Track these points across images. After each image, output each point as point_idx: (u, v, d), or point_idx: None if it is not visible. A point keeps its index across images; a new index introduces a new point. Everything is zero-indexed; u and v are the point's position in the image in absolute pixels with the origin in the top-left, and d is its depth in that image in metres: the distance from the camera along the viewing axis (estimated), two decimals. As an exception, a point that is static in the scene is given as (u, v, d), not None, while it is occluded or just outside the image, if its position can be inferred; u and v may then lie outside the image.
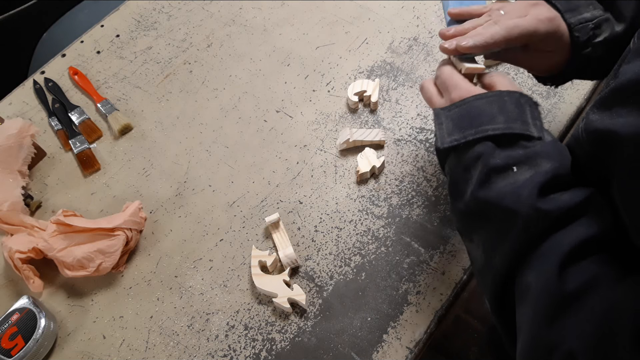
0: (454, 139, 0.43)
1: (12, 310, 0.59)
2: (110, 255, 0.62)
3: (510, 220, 0.38)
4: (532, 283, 0.37)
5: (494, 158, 0.40)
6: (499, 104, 0.43)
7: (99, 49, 0.89)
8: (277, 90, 0.80)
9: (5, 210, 0.66)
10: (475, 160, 0.41)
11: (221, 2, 0.93)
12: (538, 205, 0.37)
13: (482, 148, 0.41)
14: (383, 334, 0.58)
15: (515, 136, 0.41)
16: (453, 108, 0.45)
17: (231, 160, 0.74)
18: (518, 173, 0.39)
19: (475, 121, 0.42)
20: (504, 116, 0.42)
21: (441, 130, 0.45)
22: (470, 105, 0.44)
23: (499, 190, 0.39)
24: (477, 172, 0.41)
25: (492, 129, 0.41)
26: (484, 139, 0.42)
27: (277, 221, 0.65)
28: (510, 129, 0.41)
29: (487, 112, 0.42)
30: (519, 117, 0.42)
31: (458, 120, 0.44)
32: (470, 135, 0.42)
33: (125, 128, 0.78)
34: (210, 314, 0.61)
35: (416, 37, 0.83)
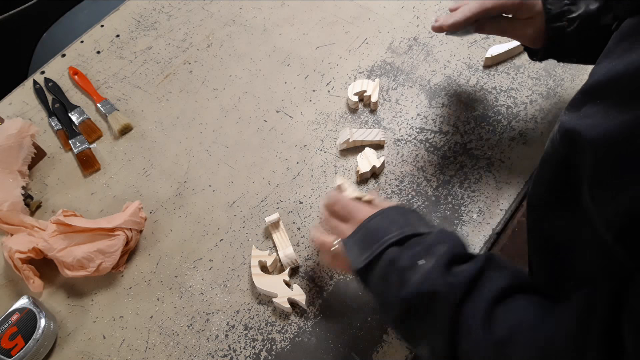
0: (366, 256, 0.48)
1: (12, 310, 0.59)
2: (110, 255, 0.62)
3: (433, 302, 0.42)
4: (468, 349, 0.40)
5: (401, 260, 0.45)
6: (389, 218, 0.50)
7: (99, 49, 0.89)
8: (277, 90, 0.80)
9: (5, 210, 0.66)
10: (389, 267, 0.46)
11: (221, 2, 0.93)
12: (448, 279, 0.42)
13: (391, 254, 0.47)
14: (383, 334, 0.58)
15: (410, 237, 0.47)
16: (356, 233, 0.51)
17: (231, 160, 0.74)
18: (425, 264, 0.44)
19: (376, 236, 0.49)
20: (395, 225, 0.48)
21: (353, 255, 0.50)
22: (368, 226, 0.50)
23: (416, 282, 0.44)
24: (394, 278, 0.46)
25: (390, 237, 0.48)
26: (389, 247, 0.47)
27: (277, 221, 0.65)
28: (403, 233, 0.47)
29: (382, 227, 0.49)
30: (407, 223, 0.49)
31: (362, 242, 0.50)
32: (377, 248, 0.48)
33: (125, 128, 0.78)
34: (210, 314, 0.61)
35: (416, 37, 0.83)
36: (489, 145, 0.70)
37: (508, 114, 0.73)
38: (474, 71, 0.78)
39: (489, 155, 0.69)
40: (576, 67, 0.76)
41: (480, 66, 0.78)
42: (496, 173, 0.67)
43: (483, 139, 0.71)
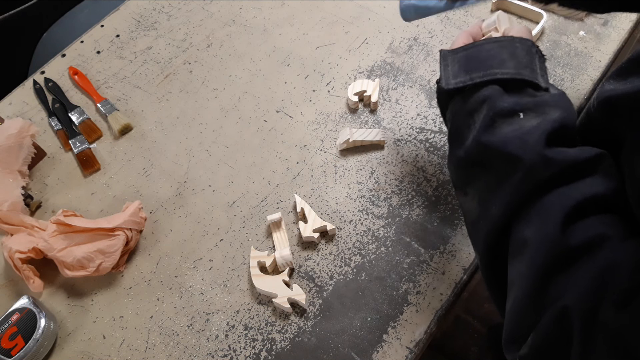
0: (460, 80, 0.41)
1: (12, 310, 0.59)
2: (110, 255, 0.62)
3: (513, 167, 0.36)
4: (531, 237, 0.35)
5: (501, 101, 0.39)
6: (510, 49, 0.41)
7: (99, 49, 0.89)
8: (277, 90, 0.80)
9: (5, 210, 0.66)
10: (481, 104, 0.40)
11: (221, 2, 0.93)
12: (545, 152, 0.35)
13: (489, 91, 0.40)
14: (383, 334, 0.58)
15: (524, 83, 0.40)
16: (460, 51, 0.43)
17: (231, 160, 0.74)
18: (525, 119, 0.37)
19: (484, 64, 0.41)
20: (514, 62, 0.40)
21: (446, 72, 0.43)
22: (480, 48, 0.42)
23: (504, 135, 0.37)
24: (482, 116, 0.39)
25: (501, 72, 0.40)
26: (492, 82, 0.40)
27: (278, 220, 0.65)
28: (520, 74, 0.40)
29: (497, 56, 0.41)
30: (529, 65, 0.40)
31: (465, 63, 0.42)
32: (478, 78, 0.40)
33: (125, 128, 0.78)
34: (210, 314, 0.61)
35: (416, 37, 0.83)
36: (489, 145, 0.70)
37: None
38: (474, 71, 0.78)
39: (489, 155, 0.69)
40: (576, 67, 0.76)
41: (480, 66, 0.78)
42: (496, 173, 0.67)
43: (483, 139, 0.71)
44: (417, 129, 0.73)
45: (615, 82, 0.37)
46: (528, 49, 0.42)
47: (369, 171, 0.70)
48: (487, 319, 1.30)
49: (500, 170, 0.37)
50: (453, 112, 0.43)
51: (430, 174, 0.69)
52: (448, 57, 0.44)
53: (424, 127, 0.73)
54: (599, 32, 0.79)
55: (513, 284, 0.37)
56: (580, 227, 0.34)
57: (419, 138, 0.72)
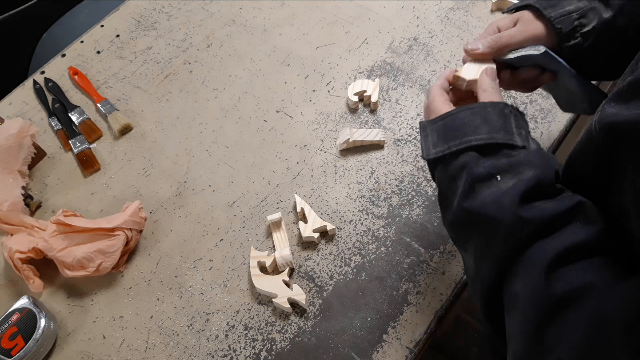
0: (439, 150, 0.44)
1: (12, 310, 0.59)
2: (110, 255, 0.62)
3: (493, 229, 0.38)
4: (519, 291, 0.37)
5: (477, 167, 0.41)
6: (482, 115, 0.43)
7: (99, 49, 0.89)
8: (277, 90, 0.80)
9: (5, 210, 0.66)
10: (460, 170, 0.42)
11: (221, 2, 0.93)
12: (519, 213, 0.37)
13: (466, 158, 0.42)
14: (383, 334, 0.58)
15: (499, 146, 0.42)
16: (438, 120, 0.46)
17: (231, 160, 0.74)
18: (502, 182, 0.39)
19: (459, 132, 0.43)
20: (487, 127, 0.42)
21: (427, 142, 0.46)
22: (454, 117, 0.44)
23: (483, 200, 0.39)
24: (462, 182, 0.41)
25: (475, 139, 0.42)
26: (468, 149, 0.42)
27: (279, 220, 0.65)
28: (493, 138, 0.42)
29: (471, 124, 0.43)
30: (503, 127, 0.42)
31: (443, 132, 0.45)
32: (454, 146, 0.43)
33: (125, 128, 0.78)
34: (210, 314, 0.61)
35: (416, 37, 0.83)
36: (489, 145, 0.70)
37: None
38: (474, 71, 0.78)
39: (489, 155, 0.69)
40: (576, 67, 0.76)
41: (480, 66, 0.78)
42: (496, 173, 0.67)
43: (483, 139, 0.71)
44: (417, 129, 0.73)
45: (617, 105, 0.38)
46: (500, 112, 0.44)
47: (369, 171, 0.70)
48: (487, 319, 1.29)
49: (484, 232, 0.40)
50: (438, 178, 0.46)
51: (430, 174, 0.69)
52: (427, 127, 0.47)
53: (424, 127, 0.73)
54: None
55: (511, 338, 0.38)
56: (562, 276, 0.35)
57: (419, 138, 0.72)
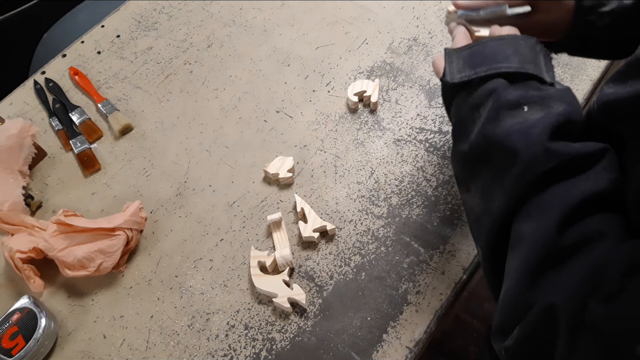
0: (465, 74, 0.42)
1: (12, 310, 0.60)
2: (111, 255, 0.62)
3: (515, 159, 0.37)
4: (529, 231, 0.36)
5: (506, 94, 0.39)
6: (514, 46, 0.42)
7: (100, 49, 0.89)
8: (277, 90, 0.80)
9: (6, 210, 0.66)
10: (487, 97, 0.40)
11: (221, 2, 0.93)
12: (548, 145, 0.35)
13: (495, 84, 0.40)
14: (383, 333, 0.58)
15: (529, 77, 0.40)
16: (465, 49, 0.44)
17: (231, 160, 0.74)
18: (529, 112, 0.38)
19: (489, 59, 0.42)
20: (518, 57, 0.41)
21: (451, 68, 0.44)
22: (485, 45, 0.43)
23: (508, 128, 0.38)
24: (487, 109, 0.40)
25: (505, 66, 0.41)
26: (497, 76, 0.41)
27: (279, 220, 0.65)
28: (524, 69, 0.40)
29: (502, 52, 0.42)
30: (533, 61, 0.41)
31: (470, 59, 0.43)
32: (483, 72, 0.41)
33: (126, 128, 0.78)
34: (210, 313, 0.61)
35: (416, 37, 0.83)
36: (489, 146, 0.70)
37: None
38: (473, 71, 0.78)
39: (489, 156, 0.69)
40: (576, 67, 0.76)
41: (480, 66, 0.78)
42: (496, 173, 0.67)
43: (483, 139, 0.71)
44: (417, 129, 0.73)
45: (615, 85, 0.38)
46: (532, 46, 0.42)
47: (369, 171, 0.70)
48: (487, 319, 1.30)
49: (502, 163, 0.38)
50: (458, 106, 0.44)
51: (430, 174, 0.69)
52: (453, 54, 0.44)
53: (424, 127, 0.73)
54: (599, 33, 0.79)
55: (507, 276, 0.37)
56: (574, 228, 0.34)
57: (419, 138, 0.72)
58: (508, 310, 0.36)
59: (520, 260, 0.36)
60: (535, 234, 0.35)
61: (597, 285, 0.31)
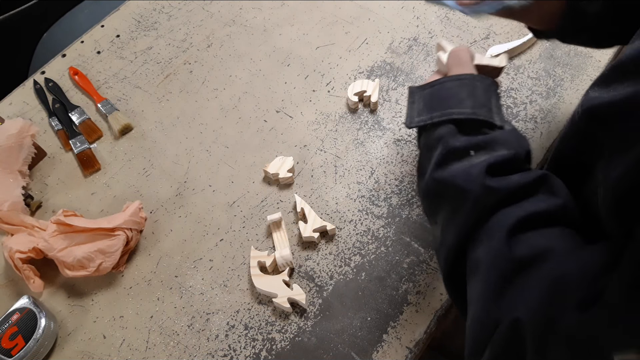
0: (422, 119, 0.44)
1: (12, 310, 0.60)
2: (111, 255, 0.62)
3: (461, 198, 0.39)
4: (482, 257, 0.37)
5: (453, 141, 0.41)
6: (470, 88, 0.44)
7: (99, 49, 0.89)
8: (277, 90, 0.80)
9: (6, 210, 0.66)
10: (437, 142, 0.43)
11: (221, 2, 0.93)
12: (486, 182, 0.38)
13: (444, 130, 0.42)
14: (383, 333, 0.58)
15: (479, 122, 0.42)
16: (427, 88, 0.46)
17: (231, 160, 0.74)
18: (475, 157, 0.40)
19: (444, 103, 0.43)
20: (471, 101, 0.43)
21: (412, 110, 0.46)
22: (442, 87, 0.45)
23: (452, 171, 0.40)
24: (436, 154, 0.42)
25: (457, 112, 0.43)
26: (448, 122, 0.43)
27: (279, 220, 0.65)
28: (476, 114, 0.42)
29: (456, 95, 0.43)
30: (486, 104, 0.43)
31: (429, 101, 0.45)
32: (436, 117, 0.43)
33: (126, 128, 0.78)
34: (210, 313, 0.61)
35: (416, 37, 0.83)
36: (489, 145, 0.70)
37: (508, 114, 0.73)
38: (473, 71, 0.78)
39: (489, 155, 0.69)
40: (576, 67, 0.76)
41: (480, 66, 0.78)
42: (496, 173, 0.67)
43: (483, 139, 0.71)
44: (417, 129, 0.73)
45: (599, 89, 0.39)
46: (487, 88, 0.44)
47: (369, 171, 0.70)
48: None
49: (452, 201, 0.41)
50: (419, 146, 0.47)
51: (430, 174, 0.69)
52: (415, 94, 0.47)
53: (424, 127, 0.73)
54: (599, 32, 0.79)
55: (471, 302, 0.39)
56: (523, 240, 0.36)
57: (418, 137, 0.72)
58: (477, 334, 0.37)
59: (480, 283, 0.37)
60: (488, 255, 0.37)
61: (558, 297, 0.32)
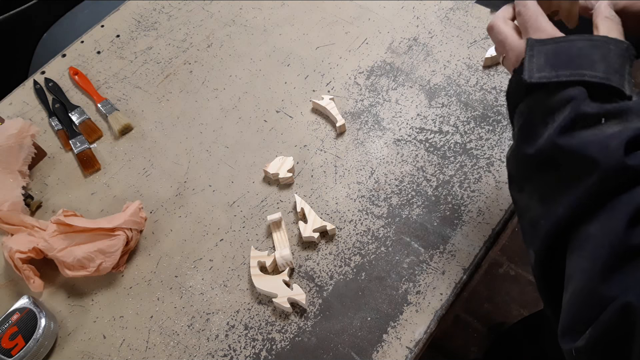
0: (544, 75, 0.40)
1: (12, 310, 0.60)
2: (111, 255, 0.62)
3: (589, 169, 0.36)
4: (595, 233, 0.36)
5: (585, 105, 0.38)
6: (604, 51, 0.40)
7: (99, 49, 0.89)
8: (277, 90, 0.80)
9: (6, 210, 0.66)
10: (564, 104, 0.39)
11: (221, 2, 0.93)
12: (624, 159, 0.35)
13: (575, 92, 0.39)
14: (383, 333, 0.58)
15: (610, 89, 0.39)
16: (549, 43, 0.41)
17: (231, 160, 0.74)
18: (606, 126, 0.37)
19: (573, 62, 0.40)
20: (604, 64, 0.39)
21: (530, 64, 0.41)
22: (571, 44, 0.40)
23: (584, 139, 0.37)
24: (563, 117, 0.38)
25: (589, 75, 0.39)
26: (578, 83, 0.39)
27: (279, 220, 0.65)
28: (609, 80, 0.39)
29: (588, 56, 0.39)
30: (619, 70, 0.39)
31: (553, 57, 0.41)
32: (564, 77, 0.39)
33: (126, 128, 0.78)
34: (210, 313, 0.61)
35: (416, 37, 0.83)
36: (489, 145, 0.70)
37: (506, 113, 0.73)
38: (473, 71, 0.78)
39: (489, 155, 0.69)
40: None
41: (480, 66, 0.78)
42: (496, 173, 0.67)
43: (483, 139, 0.71)
44: (417, 129, 0.73)
45: None
46: (621, 53, 0.40)
47: (369, 171, 0.70)
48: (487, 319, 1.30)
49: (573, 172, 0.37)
50: (529, 106, 0.42)
51: (430, 174, 0.69)
52: (535, 47, 0.42)
53: (424, 127, 0.73)
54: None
55: (572, 277, 0.37)
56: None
57: (419, 138, 0.72)
58: (578, 311, 0.36)
59: (587, 260, 0.36)
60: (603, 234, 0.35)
61: None
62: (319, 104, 0.75)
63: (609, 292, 0.34)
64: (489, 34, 0.49)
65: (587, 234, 0.36)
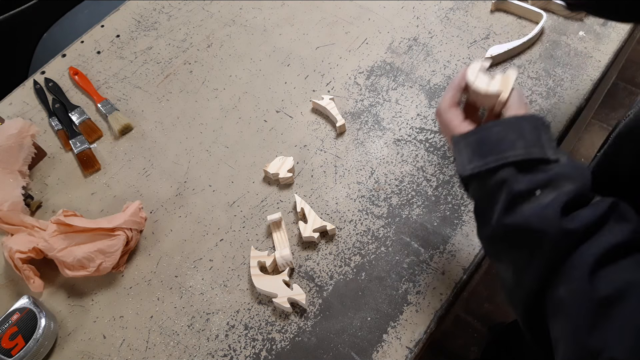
0: (475, 166, 0.44)
1: (12, 310, 0.60)
2: (111, 255, 0.62)
3: (537, 241, 0.39)
4: (565, 296, 0.38)
5: (517, 183, 0.41)
6: (518, 129, 0.44)
7: (99, 49, 0.89)
8: (277, 90, 0.80)
9: (6, 210, 0.66)
10: (499, 187, 0.42)
11: (221, 2, 0.93)
12: (563, 224, 0.38)
13: (505, 174, 0.42)
14: (383, 333, 0.58)
15: (535, 161, 0.42)
16: (471, 135, 0.46)
17: (231, 160, 0.74)
18: (541, 196, 0.40)
19: (496, 148, 0.43)
20: (522, 142, 0.43)
21: (461, 158, 0.46)
22: (489, 132, 0.44)
23: (525, 215, 0.40)
24: (502, 199, 0.42)
25: (512, 155, 0.42)
26: (506, 165, 0.43)
27: (279, 220, 0.65)
28: (530, 154, 0.42)
29: (506, 139, 0.43)
30: (537, 142, 0.43)
31: (477, 147, 0.45)
32: (492, 163, 0.43)
33: (126, 128, 0.78)
34: (210, 313, 0.61)
35: (416, 37, 0.83)
36: (489, 145, 0.70)
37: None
38: (473, 71, 0.78)
39: (489, 155, 0.69)
40: (576, 67, 0.76)
41: (480, 66, 0.78)
42: (496, 173, 0.67)
43: (483, 139, 0.71)
44: (417, 129, 0.73)
45: None
46: (534, 126, 0.44)
47: (369, 171, 0.70)
48: (487, 319, 1.30)
49: (527, 245, 0.40)
50: (474, 195, 0.46)
51: (430, 174, 0.69)
52: (460, 142, 0.46)
53: (424, 127, 0.73)
54: (599, 32, 0.79)
55: (558, 342, 0.39)
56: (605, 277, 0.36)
57: (419, 138, 0.72)
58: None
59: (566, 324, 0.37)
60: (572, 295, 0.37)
61: None
62: (319, 104, 0.75)
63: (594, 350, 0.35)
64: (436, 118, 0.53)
65: (559, 298, 0.38)
